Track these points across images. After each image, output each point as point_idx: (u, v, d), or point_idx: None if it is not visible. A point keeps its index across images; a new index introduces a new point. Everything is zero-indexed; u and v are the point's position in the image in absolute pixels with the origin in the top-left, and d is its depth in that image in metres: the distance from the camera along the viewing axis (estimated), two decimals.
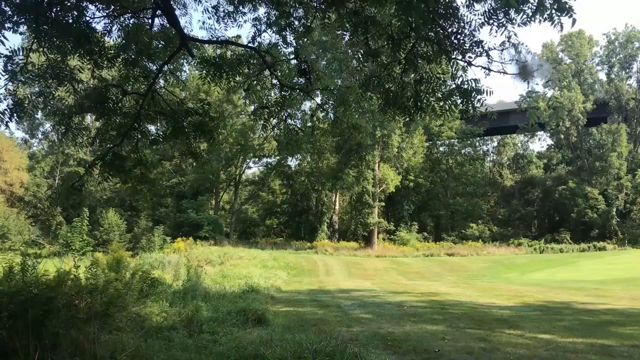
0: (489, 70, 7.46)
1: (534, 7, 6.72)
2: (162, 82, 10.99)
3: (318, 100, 11.19)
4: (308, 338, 8.36)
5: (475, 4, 7.16)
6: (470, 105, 7.59)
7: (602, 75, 65.17)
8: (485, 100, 7.60)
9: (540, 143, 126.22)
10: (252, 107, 39.72)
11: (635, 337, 9.80)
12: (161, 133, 10.75)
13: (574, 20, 6.70)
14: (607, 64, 64.70)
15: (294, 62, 9.88)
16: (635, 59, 63.11)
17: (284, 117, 10.31)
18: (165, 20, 9.65)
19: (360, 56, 8.58)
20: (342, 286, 22.21)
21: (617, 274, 28.08)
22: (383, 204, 58.08)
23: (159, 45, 9.73)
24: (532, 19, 6.78)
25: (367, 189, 52.91)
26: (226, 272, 22.27)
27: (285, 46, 9.75)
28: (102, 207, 53.25)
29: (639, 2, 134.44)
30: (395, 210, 65.58)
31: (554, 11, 6.71)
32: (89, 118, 37.24)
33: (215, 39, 9.97)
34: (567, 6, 6.62)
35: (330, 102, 11.00)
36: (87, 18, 8.89)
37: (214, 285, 16.71)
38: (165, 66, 10.14)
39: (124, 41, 9.04)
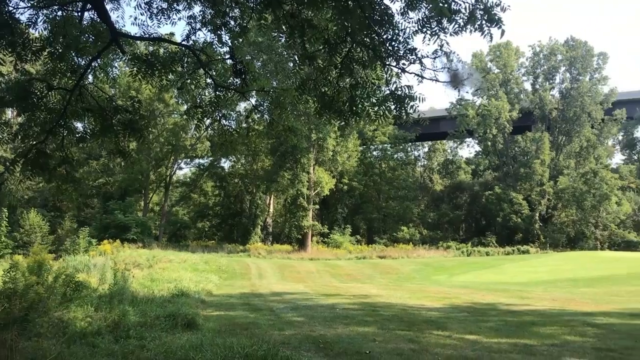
0: (422, 77, 7.60)
1: (466, 17, 6.93)
2: (90, 77, 10.57)
3: (253, 101, 11.09)
4: (239, 342, 8.25)
5: (409, 11, 7.31)
6: (404, 111, 7.72)
7: (527, 86, 68.35)
8: (417, 106, 7.74)
9: (469, 149, 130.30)
10: (185, 107, 38.89)
11: (554, 337, 10.24)
12: (89, 130, 10.34)
13: (503, 32, 6.97)
14: (532, 74, 67.83)
15: (229, 62, 9.73)
16: (558, 71, 66.52)
17: (218, 117, 10.14)
18: (96, 15, 9.28)
19: (297, 59, 8.56)
20: (275, 289, 22.11)
21: (539, 276, 29.40)
22: (317, 207, 58.35)
23: (89, 40, 9.35)
24: (464, 28, 6.98)
25: (302, 192, 53.00)
26: (155, 276, 21.68)
27: (220, 46, 9.59)
28: (23, 207, 50.57)
29: (561, 17, 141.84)
30: (330, 214, 66.07)
31: (484, 22, 6.95)
32: (10, 113, 35.31)
33: (147, 35, 9.67)
34: (496, 17, 6.88)
35: (266, 103, 10.93)
36: (10, 8, 8.44)
37: (142, 289, 16.24)
38: (95, 61, 9.76)
39: (50, 34, 8.63)
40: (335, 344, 9.23)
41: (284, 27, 8.11)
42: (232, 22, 9.07)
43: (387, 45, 7.40)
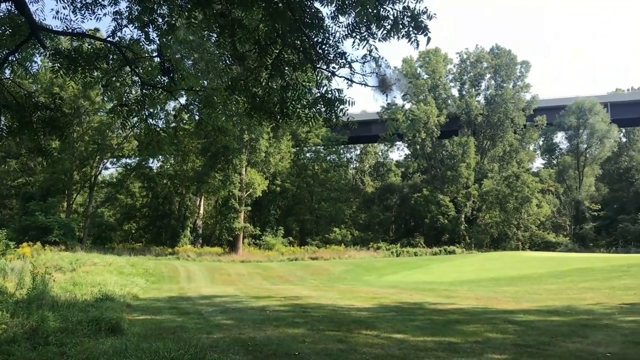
0: (352, 81, 7.72)
1: (394, 24, 7.08)
2: (7, 72, 10.02)
3: (183, 100, 10.89)
4: (165, 346, 8.05)
5: (340, 16, 7.40)
6: (334, 114, 7.80)
7: (455, 91, 70.79)
8: (347, 110, 7.84)
9: (399, 152, 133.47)
10: (111, 105, 37.52)
11: (477, 334, 10.58)
12: (5, 128, 9.80)
13: (429, 39, 7.17)
14: (459, 81, 70.30)
15: (157, 60, 9.50)
16: (484, 78, 69.26)
17: (144, 116, 9.87)
18: (13, 6, 8.82)
19: (227, 58, 8.47)
20: (204, 292, 21.73)
21: (464, 275, 30.36)
22: (249, 208, 57.91)
23: (6, 33, 8.87)
24: (392, 34, 7.14)
25: (234, 193, 52.47)
26: (78, 280, 20.80)
27: (148, 43, 9.35)
28: None
29: (487, 26, 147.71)
30: (262, 215, 65.74)
31: (411, 29, 7.12)
32: None
33: (70, 30, 9.28)
34: (423, 25, 7.07)
35: (196, 103, 10.75)
36: None
37: (64, 294, 15.53)
38: (12, 56, 9.26)
39: None
40: (264, 346, 9.17)
41: (214, 26, 8.01)
42: (160, 20, 8.86)
43: (318, 48, 7.46)
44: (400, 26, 7.07)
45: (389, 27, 7.07)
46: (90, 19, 9.11)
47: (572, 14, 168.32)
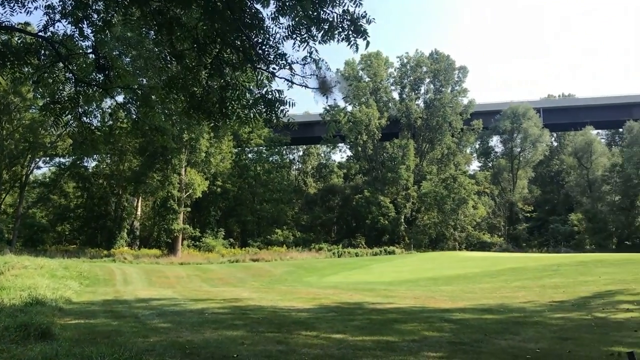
0: (292, 82, 7.74)
1: (334, 27, 7.16)
2: None
3: (120, 98, 10.60)
4: (99, 351, 7.82)
5: (280, 17, 7.41)
6: (274, 115, 7.80)
7: (395, 95, 71.99)
8: (287, 111, 7.86)
9: (341, 154, 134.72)
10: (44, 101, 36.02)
11: (414, 333, 10.81)
12: None
13: (368, 43, 7.29)
14: (400, 84, 71.58)
15: (92, 56, 9.20)
16: (423, 82, 70.84)
17: (78, 114, 9.53)
18: None
19: (165, 56, 8.32)
20: (141, 295, 21.20)
21: (403, 275, 30.89)
22: (189, 209, 56.94)
23: None
24: (332, 37, 7.21)
25: (173, 194, 51.46)
26: (6, 284, 19.83)
27: (82, 39, 9.03)
28: None
29: (427, 32, 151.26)
30: (202, 216, 64.79)
31: (351, 32, 7.22)
32: None
33: None
34: (362, 29, 7.18)
35: (133, 101, 10.49)
36: None
37: None
38: None
39: None
40: (202, 349, 9.05)
41: (151, 23, 7.85)
42: (96, 16, 8.59)
43: (258, 48, 7.44)
44: (340, 29, 7.15)
45: (328, 29, 7.13)
46: (21, 12, 8.71)
47: (507, 22, 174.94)
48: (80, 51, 9.32)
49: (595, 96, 73.63)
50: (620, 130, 73.36)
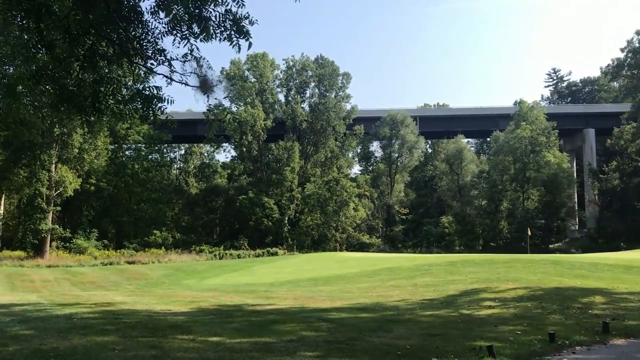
0: (171, 79, 7.56)
1: (215, 25, 7.08)
2: None
3: None
4: None
5: (160, 12, 7.20)
6: (151, 111, 7.57)
7: (281, 97, 72.62)
8: (166, 108, 7.66)
9: (226, 154, 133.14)
10: None
11: (292, 333, 10.95)
12: None
13: (250, 44, 7.29)
14: (286, 87, 72.32)
15: None
16: (309, 86, 72.06)
17: None
18: None
19: (35, 44, 7.76)
20: (1, 301, 19.53)
21: (284, 276, 31.11)
22: (59, 208, 53.33)
23: None
24: (213, 36, 7.13)
25: (41, 192, 48.00)
26: None
27: None
28: None
29: (313, 36, 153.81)
30: (73, 216, 61.06)
31: (233, 32, 7.18)
32: None
33: None
34: (244, 30, 7.17)
35: None
36: None
37: None
38: None
39: None
40: (68, 356, 8.55)
41: (17, 8, 7.28)
42: None
43: (135, 43, 7.18)
44: (222, 28, 7.09)
45: (209, 28, 7.05)
46: None
47: (389, 32, 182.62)
48: None
49: (467, 107, 79.46)
50: (488, 139, 79.30)
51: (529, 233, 51.20)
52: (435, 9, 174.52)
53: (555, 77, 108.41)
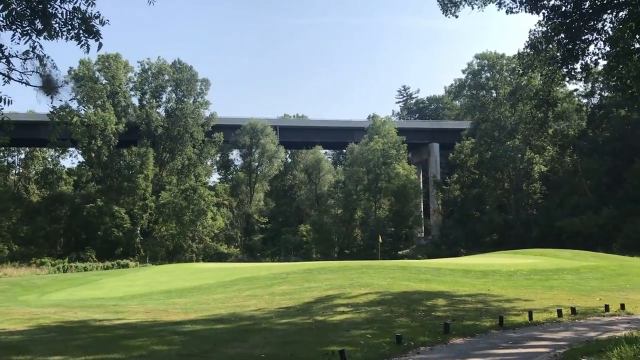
0: (9, 77, 6.93)
1: (62, 23, 6.61)
2: None
3: None
4: None
5: None
6: None
7: (135, 100, 69.53)
8: (2, 108, 7.01)
9: (72, 159, 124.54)
10: None
11: (143, 348, 10.50)
12: None
13: (101, 45, 6.89)
14: (140, 90, 69.35)
15: None
16: (165, 90, 69.84)
17: None
18: None
19: None
20: None
21: (136, 289, 29.64)
22: None
23: None
24: (59, 34, 6.64)
25: None
26: None
27: None
28: None
29: (174, 40, 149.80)
30: None
31: (82, 31, 6.74)
32: None
33: None
34: (94, 29, 6.77)
35: None
36: None
37: None
38: None
39: None
40: None
41: None
42: None
43: None
44: (70, 27, 6.63)
45: (57, 26, 6.56)
46: None
47: (250, 41, 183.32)
48: None
49: (325, 119, 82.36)
50: (344, 150, 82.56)
51: (380, 240, 53.97)
52: (293, 22, 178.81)
53: (405, 94, 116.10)
